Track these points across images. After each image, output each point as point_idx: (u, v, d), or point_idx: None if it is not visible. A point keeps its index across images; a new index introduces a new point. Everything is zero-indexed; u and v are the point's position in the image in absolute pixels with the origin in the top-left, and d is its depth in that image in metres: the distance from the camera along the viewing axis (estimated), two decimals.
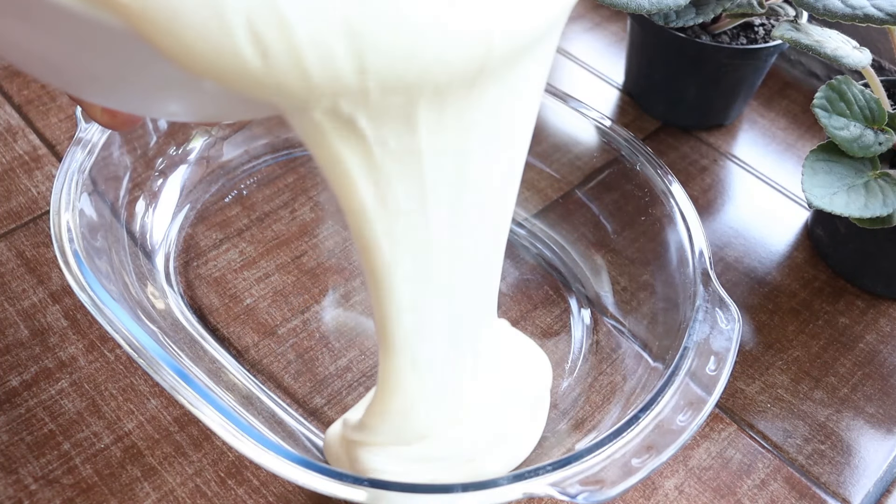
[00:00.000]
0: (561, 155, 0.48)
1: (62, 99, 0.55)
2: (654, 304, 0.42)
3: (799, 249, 0.50)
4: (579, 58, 0.62)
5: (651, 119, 0.57)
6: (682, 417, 0.33)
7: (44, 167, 0.50)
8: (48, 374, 0.40)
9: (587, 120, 0.46)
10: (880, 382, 0.43)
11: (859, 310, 0.47)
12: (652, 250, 0.43)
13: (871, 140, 0.42)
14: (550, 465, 0.31)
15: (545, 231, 0.49)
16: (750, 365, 0.44)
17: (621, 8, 0.45)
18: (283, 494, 0.37)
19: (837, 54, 0.42)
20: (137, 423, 0.39)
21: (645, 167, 0.43)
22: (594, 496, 0.30)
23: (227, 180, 0.51)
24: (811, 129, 0.57)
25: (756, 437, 0.41)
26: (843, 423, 0.42)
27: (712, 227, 0.50)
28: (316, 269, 0.47)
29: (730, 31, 0.52)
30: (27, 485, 0.37)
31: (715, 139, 0.56)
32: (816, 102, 0.42)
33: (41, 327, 0.42)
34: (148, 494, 0.37)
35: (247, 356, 0.42)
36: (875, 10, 0.40)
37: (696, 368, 0.35)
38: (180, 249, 0.47)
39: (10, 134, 0.52)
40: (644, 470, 0.31)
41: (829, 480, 0.39)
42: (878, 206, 0.40)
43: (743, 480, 0.39)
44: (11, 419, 0.39)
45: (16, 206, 0.48)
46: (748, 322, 0.46)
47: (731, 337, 0.36)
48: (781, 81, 0.61)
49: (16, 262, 0.45)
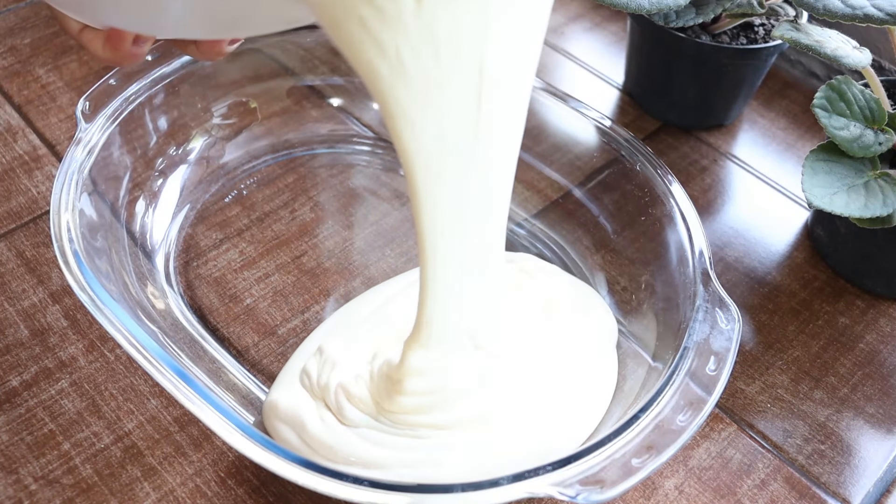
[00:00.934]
0: (561, 155, 0.48)
1: (62, 99, 0.55)
2: (654, 304, 0.42)
3: (799, 249, 0.50)
4: (579, 58, 0.62)
5: (651, 119, 0.57)
6: (682, 417, 0.33)
7: (44, 167, 0.50)
8: (48, 374, 0.40)
9: (587, 120, 0.46)
10: (880, 382, 0.43)
11: (859, 310, 0.47)
12: (652, 250, 0.43)
13: (871, 140, 0.42)
14: (550, 465, 0.31)
15: (545, 231, 0.49)
16: (750, 365, 0.44)
17: (621, 8, 0.45)
18: (283, 494, 0.37)
19: (837, 54, 0.42)
20: (137, 423, 0.39)
21: (645, 167, 0.43)
22: (594, 496, 0.30)
23: (228, 180, 0.51)
24: (811, 129, 0.57)
25: (756, 437, 0.41)
26: (843, 423, 0.42)
27: (712, 227, 0.50)
28: (316, 269, 0.47)
29: (730, 31, 0.52)
30: (27, 485, 0.37)
31: (715, 139, 0.56)
32: (816, 102, 0.42)
33: (41, 327, 0.42)
34: (148, 494, 0.37)
35: (247, 356, 0.42)
36: (875, 10, 0.40)
37: (696, 368, 0.35)
38: (180, 249, 0.47)
39: (10, 134, 0.52)
40: (644, 470, 0.31)
41: (829, 480, 0.39)
42: (878, 206, 0.40)
43: (743, 480, 0.39)
44: (11, 419, 0.39)
45: (16, 206, 0.48)
46: (748, 322, 0.46)
47: (731, 337, 0.36)
48: (781, 81, 0.61)
49: (16, 262, 0.45)
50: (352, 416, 0.36)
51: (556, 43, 0.63)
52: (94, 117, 0.43)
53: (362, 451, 0.35)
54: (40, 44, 0.59)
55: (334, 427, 0.36)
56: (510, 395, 0.37)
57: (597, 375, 0.39)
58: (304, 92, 0.54)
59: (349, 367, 0.38)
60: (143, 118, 0.46)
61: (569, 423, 0.37)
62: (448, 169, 0.29)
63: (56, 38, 0.59)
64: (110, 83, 0.45)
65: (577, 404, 0.38)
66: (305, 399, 0.37)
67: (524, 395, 0.38)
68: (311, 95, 0.54)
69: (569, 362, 0.39)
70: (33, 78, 0.56)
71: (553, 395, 0.38)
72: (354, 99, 0.54)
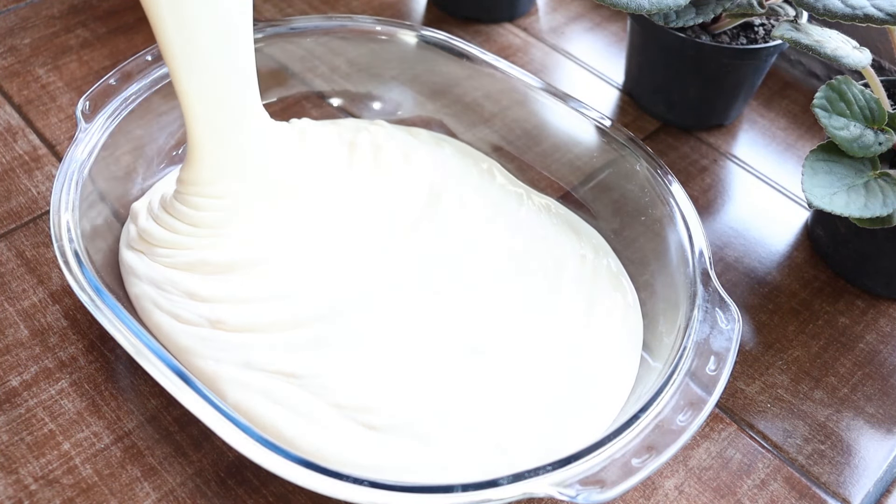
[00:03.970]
0: (561, 155, 0.48)
1: (62, 99, 0.55)
2: (654, 304, 0.42)
3: (799, 249, 0.50)
4: (579, 58, 0.62)
5: (651, 119, 0.57)
6: (682, 417, 0.33)
7: (44, 167, 0.50)
8: (48, 374, 0.40)
9: (587, 120, 0.46)
10: (880, 382, 0.43)
11: (859, 310, 0.47)
12: (652, 250, 0.43)
13: (871, 140, 0.42)
14: (550, 465, 0.31)
15: None
16: (750, 365, 0.44)
17: (621, 8, 0.45)
18: (283, 494, 0.37)
19: (837, 54, 0.42)
20: (137, 423, 0.39)
21: (645, 167, 0.43)
22: (594, 496, 0.30)
23: None
24: (811, 129, 0.57)
25: (756, 437, 0.41)
26: (843, 423, 0.42)
27: (712, 227, 0.51)
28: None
29: (730, 31, 0.52)
30: (27, 485, 0.37)
31: (715, 139, 0.56)
32: (816, 102, 0.42)
33: (41, 327, 0.42)
34: (148, 494, 0.37)
35: None
36: (875, 10, 0.40)
37: (696, 368, 0.35)
38: None
39: (10, 134, 0.52)
40: (644, 470, 0.31)
41: (829, 480, 0.39)
42: (878, 206, 0.40)
43: (743, 480, 0.39)
44: (11, 419, 0.39)
45: (16, 206, 0.48)
46: (748, 322, 0.46)
47: (731, 337, 0.36)
48: (781, 81, 0.61)
49: (16, 262, 0.45)
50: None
51: (556, 43, 0.63)
52: (94, 117, 0.43)
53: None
54: (40, 44, 0.59)
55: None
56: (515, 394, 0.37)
57: (613, 378, 0.39)
58: (304, 92, 0.54)
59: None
60: (143, 118, 0.46)
61: (576, 425, 0.37)
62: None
63: (56, 38, 0.59)
64: (110, 83, 0.45)
65: (587, 405, 0.38)
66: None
67: (527, 395, 0.38)
68: (311, 95, 0.54)
69: (586, 361, 0.39)
70: (33, 78, 0.56)
71: (563, 394, 0.38)
72: (354, 99, 0.54)
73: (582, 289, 0.42)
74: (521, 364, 0.38)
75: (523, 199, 0.47)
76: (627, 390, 0.38)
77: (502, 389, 0.37)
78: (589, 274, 0.43)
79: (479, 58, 0.49)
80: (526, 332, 0.40)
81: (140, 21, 0.61)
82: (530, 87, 0.48)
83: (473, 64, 0.49)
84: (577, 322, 0.41)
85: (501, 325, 0.40)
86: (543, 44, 0.63)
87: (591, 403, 0.38)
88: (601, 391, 0.38)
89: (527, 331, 0.40)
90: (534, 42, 0.63)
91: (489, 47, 0.61)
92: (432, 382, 0.37)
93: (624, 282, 0.43)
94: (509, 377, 0.38)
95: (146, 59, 0.47)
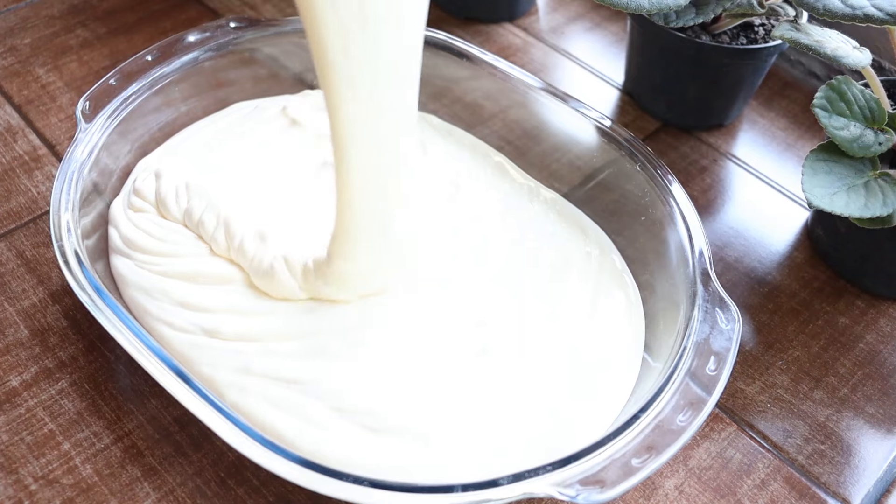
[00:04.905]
0: (561, 155, 0.48)
1: (62, 99, 0.55)
2: (654, 304, 0.42)
3: (799, 249, 0.50)
4: (579, 58, 0.62)
5: (651, 119, 0.57)
6: (682, 417, 0.33)
7: (44, 167, 0.50)
8: (48, 374, 0.40)
9: (587, 120, 0.46)
10: (880, 382, 0.43)
11: (859, 310, 0.47)
12: (652, 250, 0.43)
13: (871, 140, 0.42)
14: (550, 465, 0.31)
15: None
16: (750, 365, 0.44)
17: (621, 8, 0.45)
18: (283, 494, 0.37)
19: (837, 54, 0.42)
20: (137, 423, 0.39)
21: (645, 167, 0.43)
22: (594, 496, 0.30)
23: None
24: (811, 129, 0.57)
25: (756, 437, 0.41)
26: (843, 423, 0.42)
27: (712, 227, 0.51)
28: None
29: (730, 31, 0.52)
30: (27, 485, 0.37)
31: (715, 139, 0.56)
32: (816, 102, 0.42)
33: (41, 327, 0.42)
34: (148, 494, 0.37)
35: None
36: (875, 10, 0.40)
37: (696, 368, 0.35)
38: None
39: (10, 134, 0.52)
40: (644, 470, 0.31)
41: (829, 480, 0.39)
42: (878, 206, 0.40)
43: (743, 480, 0.39)
44: (11, 419, 0.39)
45: (16, 206, 0.48)
46: (748, 322, 0.46)
47: (731, 337, 0.36)
48: (781, 81, 0.61)
49: (16, 262, 0.45)
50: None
51: (556, 43, 0.63)
52: (94, 117, 0.43)
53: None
54: (40, 44, 0.59)
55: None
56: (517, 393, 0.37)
57: (615, 377, 0.39)
58: (304, 92, 0.54)
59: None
60: (143, 118, 0.46)
61: (576, 425, 0.37)
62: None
63: (56, 38, 0.59)
64: (110, 83, 0.45)
65: (587, 406, 0.38)
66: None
67: (528, 395, 0.38)
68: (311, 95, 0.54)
69: (588, 360, 0.39)
70: (33, 78, 0.56)
71: (564, 394, 0.38)
72: None
73: (587, 287, 0.42)
74: (524, 363, 0.38)
75: (534, 193, 0.47)
76: (629, 390, 0.38)
77: (502, 389, 0.37)
78: (594, 271, 0.43)
79: (479, 58, 0.49)
80: (530, 331, 0.40)
81: (140, 21, 0.61)
82: (530, 87, 0.48)
83: (473, 64, 0.49)
84: (580, 320, 0.41)
85: (507, 325, 0.40)
86: (543, 44, 0.63)
87: (591, 403, 0.38)
88: (602, 391, 0.38)
89: (531, 330, 0.40)
90: (534, 42, 0.63)
91: (489, 47, 0.61)
92: (433, 383, 0.37)
93: (627, 280, 0.43)
94: (510, 377, 0.38)
95: (146, 59, 0.47)
